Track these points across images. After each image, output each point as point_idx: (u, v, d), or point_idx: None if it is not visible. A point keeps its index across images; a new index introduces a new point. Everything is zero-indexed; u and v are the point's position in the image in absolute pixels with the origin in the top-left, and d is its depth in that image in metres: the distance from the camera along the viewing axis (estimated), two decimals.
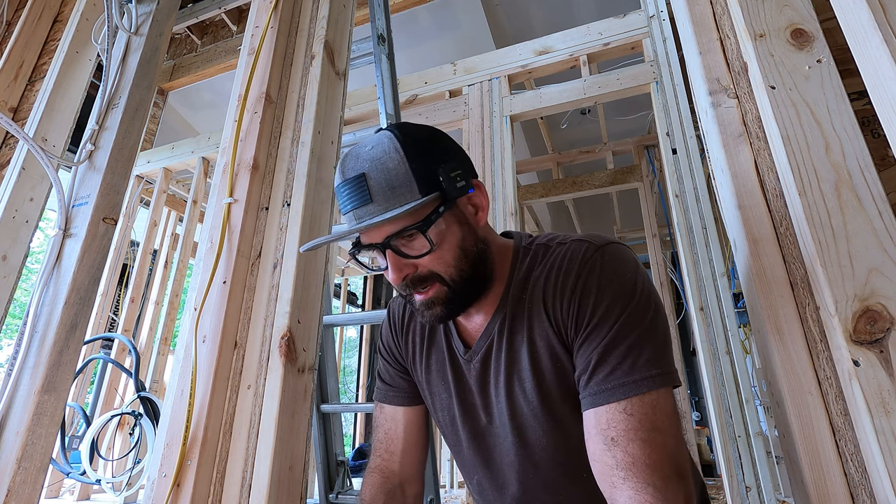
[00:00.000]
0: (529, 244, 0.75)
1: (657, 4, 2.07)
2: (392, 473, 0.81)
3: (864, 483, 0.59)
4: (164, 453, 0.92)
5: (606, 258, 0.65)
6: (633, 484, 0.54)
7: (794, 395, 0.64)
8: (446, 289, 0.67)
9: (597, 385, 0.60)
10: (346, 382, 9.57)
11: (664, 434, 0.57)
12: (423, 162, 0.65)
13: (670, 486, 0.54)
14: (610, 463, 0.56)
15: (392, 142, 0.66)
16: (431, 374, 0.79)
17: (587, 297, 0.63)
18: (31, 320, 1.09)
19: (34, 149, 1.16)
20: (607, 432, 0.58)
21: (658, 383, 0.59)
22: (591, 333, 0.62)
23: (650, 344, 0.61)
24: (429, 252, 0.65)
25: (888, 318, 0.58)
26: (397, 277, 0.66)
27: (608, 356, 0.60)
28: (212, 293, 1.03)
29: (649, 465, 0.55)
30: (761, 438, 1.51)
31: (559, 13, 3.07)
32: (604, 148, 3.48)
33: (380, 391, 0.86)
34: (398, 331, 0.85)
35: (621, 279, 0.64)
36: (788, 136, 0.70)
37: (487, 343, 0.72)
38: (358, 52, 1.64)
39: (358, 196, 0.65)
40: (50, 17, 1.70)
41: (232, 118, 1.21)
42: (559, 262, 0.68)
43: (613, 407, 0.58)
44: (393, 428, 0.83)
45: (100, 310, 2.86)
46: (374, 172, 0.65)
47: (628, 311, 0.61)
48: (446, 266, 0.67)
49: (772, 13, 0.78)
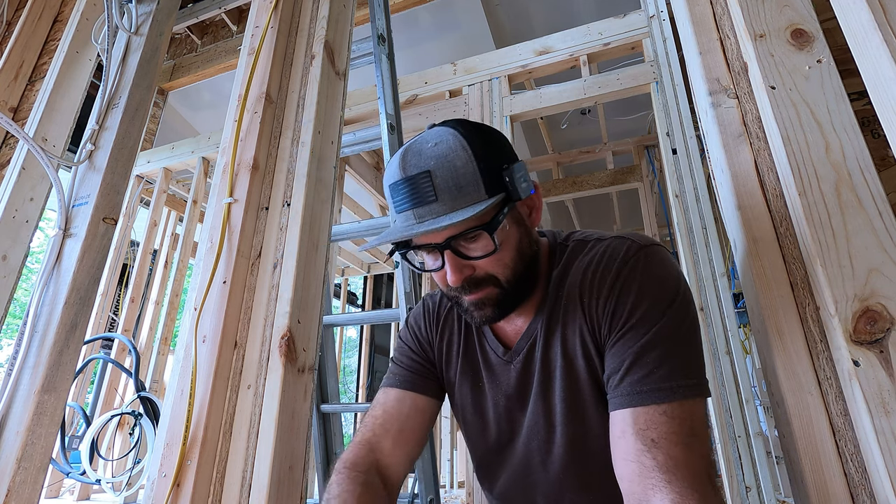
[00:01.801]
0: (565, 241, 0.73)
1: (657, 4, 2.07)
2: (381, 450, 0.75)
3: (864, 483, 0.59)
4: (164, 453, 0.92)
5: (649, 259, 0.64)
6: (676, 488, 0.52)
7: (794, 395, 0.64)
8: (498, 290, 0.65)
9: (631, 386, 0.58)
10: (346, 382, 9.58)
11: (702, 442, 0.56)
12: (490, 161, 0.63)
13: (709, 496, 0.53)
14: (649, 464, 0.54)
15: (458, 139, 0.63)
16: (466, 377, 0.78)
17: (626, 296, 0.62)
18: (31, 320, 1.09)
19: (34, 149, 1.16)
20: (647, 433, 0.56)
21: (696, 392, 0.58)
22: (627, 333, 0.61)
23: (689, 351, 0.60)
24: (490, 254, 0.63)
25: (888, 318, 0.58)
26: (457, 279, 0.63)
27: (645, 358, 0.58)
28: (212, 293, 1.03)
29: (693, 470, 0.53)
30: (761, 438, 1.51)
31: (559, 13, 3.07)
32: (604, 148, 3.48)
33: (393, 376, 0.82)
34: (432, 324, 0.83)
35: (663, 281, 0.62)
36: (788, 136, 0.70)
37: (529, 343, 0.71)
38: (358, 52, 1.64)
39: (420, 194, 0.61)
40: (50, 17, 1.69)
41: (232, 118, 1.21)
42: (598, 258, 0.66)
43: (653, 409, 0.56)
44: (396, 408, 0.78)
45: (100, 310, 2.85)
46: (440, 170, 0.61)
47: (668, 315, 0.60)
48: (504, 268, 0.65)
49: (772, 13, 0.78)
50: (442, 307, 0.83)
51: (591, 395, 0.65)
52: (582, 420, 0.67)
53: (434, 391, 0.81)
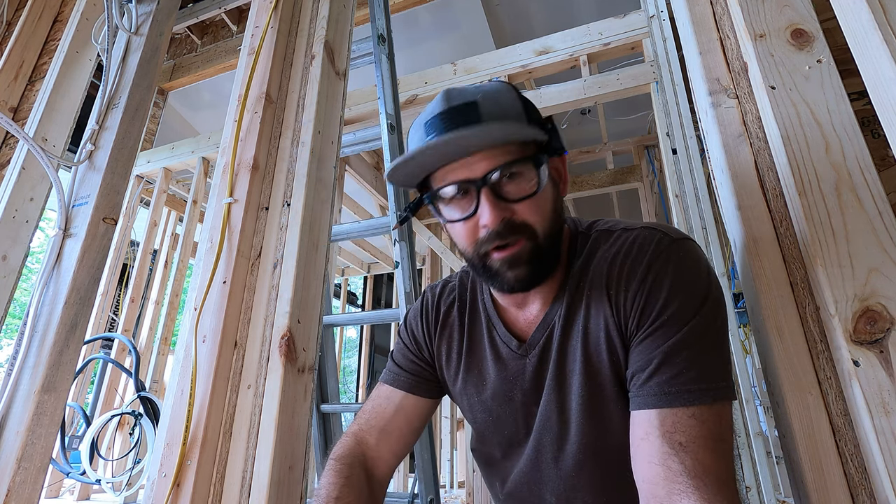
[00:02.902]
0: (588, 230, 0.69)
1: (657, 4, 2.07)
2: (366, 444, 0.76)
3: (864, 483, 0.59)
4: (164, 453, 0.92)
5: (682, 254, 0.61)
6: (705, 495, 0.49)
7: (794, 395, 0.64)
8: (532, 245, 0.60)
9: (659, 386, 0.56)
10: (346, 382, 9.58)
11: (729, 448, 0.54)
12: (532, 109, 0.62)
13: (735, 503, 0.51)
14: (676, 469, 0.51)
15: (504, 84, 0.63)
16: (472, 373, 0.74)
17: (657, 291, 0.58)
18: (31, 320, 1.09)
19: (34, 149, 1.16)
20: (674, 436, 0.53)
21: (725, 395, 0.56)
22: (657, 330, 0.58)
23: (720, 353, 0.58)
24: (533, 195, 0.59)
25: (888, 318, 0.58)
26: (496, 218, 0.58)
27: (675, 358, 0.56)
28: (212, 293, 1.03)
29: (720, 477, 0.51)
30: (761, 438, 1.51)
31: (559, 13, 3.06)
32: (604, 148, 3.48)
33: (388, 373, 0.82)
34: (431, 321, 0.80)
35: (696, 279, 0.60)
36: (788, 136, 0.70)
37: (546, 334, 0.67)
38: (358, 52, 1.64)
39: (465, 117, 0.58)
40: (50, 17, 1.69)
41: (232, 118, 1.21)
42: (627, 248, 0.63)
43: (682, 411, 0.54)
44: (384, 406, 0.78)
45: (100, 310, 2.85)
46: (485, 101, 0.59)
47: (700, 315, 0.57)
48: (543, 218, 0.61)
49: (772, 13, 0.78)
50: (442, 302, 0.79)
51: (613, 391, 0.62)
52: (601, 417, 0.64)
53: (428, 391, 0.79)
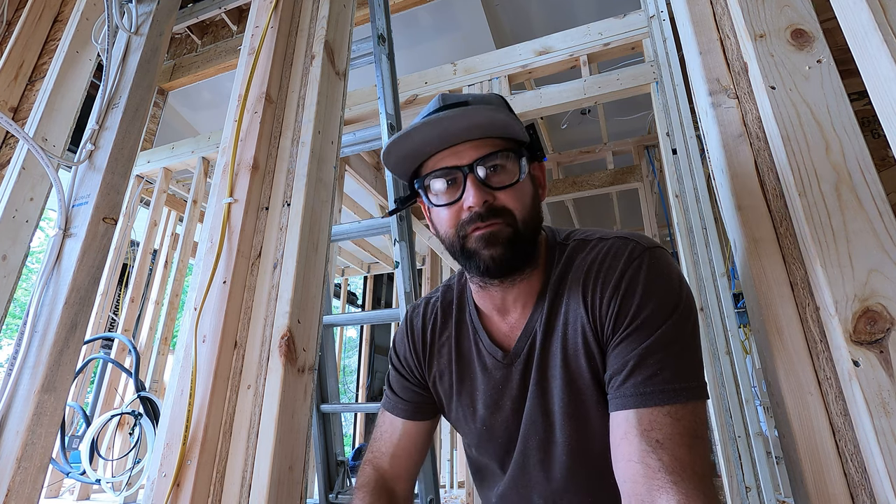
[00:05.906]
0: (565, 240, 0.73)
1: (657, 4, 2.07)
2: (382, 469, 0.82)
3: (864, 483, 0.59)
4: (164, 453, 0.92)
5: (654, 261, 0.64)
6: (682, 489, 0.52)
7: (794, 395, 0.64)
8: (510, 229, 0.65)
9: (635, 387, 0.59)
10: (346, 382, 9.58)
11: (704, 444, 0.57)
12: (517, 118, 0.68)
13: (712, 498, 0.53)
14: (654, 465, 0.54)
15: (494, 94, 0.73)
16: (464, 385, 0.77)
17: (631, 296, 0.62)
18: (31, 320, 1.09)
19: (34, 148, 1.16)
20: (651, 434, 0.56)
21: (698, 394, 0.58)
22: (631, 334, 0.61)
23: (692, 354, 0.60)
24: (514, 184, 0.66)
25: (888, 318, 0.58)
26: (478, 199, 0.64)
27: (649, 360, 0.59)
28: (212, 293, 1.03)
29: (698, 472, 0.53)
30: (761, 438, 1.51)
31: (559, 13, 3.06)
32: (604, 148, 3.48)
33: (388, 401, 0.86)
34: (419, 344, 0.82)
35: (668, 284, 0.63)
36: (788, 136, 0.70)
37: (529, 342, 0.70)
38: (358, 52, 1.64)
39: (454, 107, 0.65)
40: (50, 17, 1.69)
41: (232, 118, 1.21)
42: (602, 257, 0.67)
43: (658, 410, 0.57)
44: (389, 433, 0.84)
45: (100, 310, 2.85)
46: (475, 100, 0.68)
47: (673, 319, 0.60)
48: (522, 206, 0.66)
49: (772, 13, 0.78)
50: (427, 321, 0.82)
51: (593, 394, 0.65)
52: (583, 420, 0.66)
53: (425, 414, 0.84)
